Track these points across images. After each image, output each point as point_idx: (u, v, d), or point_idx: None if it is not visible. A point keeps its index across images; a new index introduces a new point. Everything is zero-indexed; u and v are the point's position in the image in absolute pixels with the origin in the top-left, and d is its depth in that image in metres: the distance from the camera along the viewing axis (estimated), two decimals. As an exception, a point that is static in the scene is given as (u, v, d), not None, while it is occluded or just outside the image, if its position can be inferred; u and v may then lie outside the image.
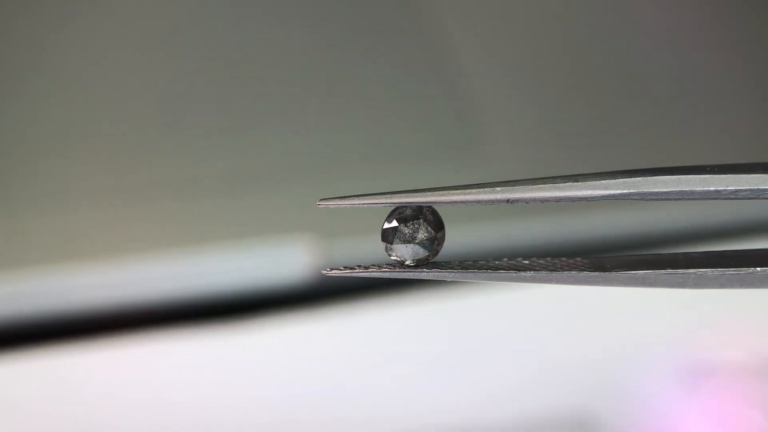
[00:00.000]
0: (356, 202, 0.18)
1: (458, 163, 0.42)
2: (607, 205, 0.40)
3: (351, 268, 0.19)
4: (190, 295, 0.39)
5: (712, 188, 0.17)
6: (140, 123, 0.42)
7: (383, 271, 0.19)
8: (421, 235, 0.18)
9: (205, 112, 0.43)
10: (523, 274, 0.18)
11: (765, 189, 0.17)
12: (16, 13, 0.44)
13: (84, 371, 0.38)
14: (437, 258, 0.19)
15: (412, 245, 0.18)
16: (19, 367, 0.38)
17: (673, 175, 0.17)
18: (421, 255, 0.18)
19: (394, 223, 0.18)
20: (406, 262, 0.18)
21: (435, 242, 0.18)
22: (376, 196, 0.18)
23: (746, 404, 0.38)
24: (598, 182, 0.17)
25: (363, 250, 0.39)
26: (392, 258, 0.19)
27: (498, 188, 0.18)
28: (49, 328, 0.39)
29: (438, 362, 0.39)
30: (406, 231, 0.18)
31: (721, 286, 0.17)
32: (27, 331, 0.39)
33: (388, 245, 0.18)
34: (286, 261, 0.39)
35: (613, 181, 0.17)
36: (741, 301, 0.39)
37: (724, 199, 0.17)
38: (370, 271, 0.19)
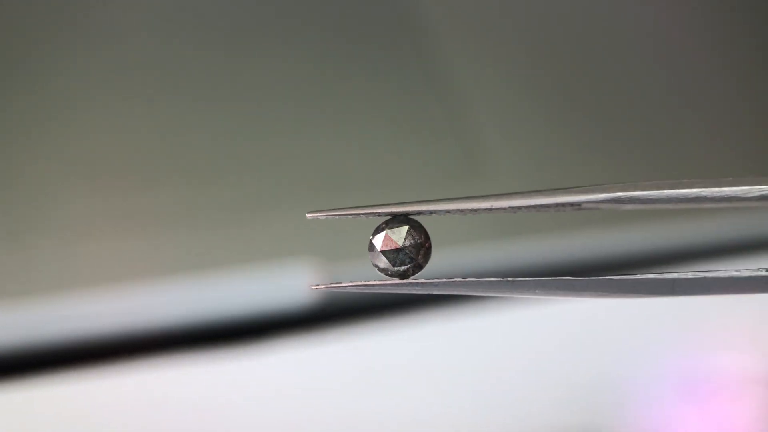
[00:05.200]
0: (343, 213, 0.18)
1: (460, 192, 0.42)
2: (598, 226, 0.41)
3: (339, 283, 0.19)
4: (195, 320, 0.39)
5: (693, 190, 0.17)
6: (144, 152, 0.42)
7: (370, 285, 0.19)
8: (407, 242, 0.18)
9: (208, 140, 0.43)
10: (510, 282, 0.18)
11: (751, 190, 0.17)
12: (29, 51, 0.44)
13: (91, 398, 0.38)
14: (423, 273, 0.19)
15: (398, 253, 0.18)
16: (28, 394, 0.38)
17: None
18: (408, 264, 0.18)
19: (381, 233, 0.18)
20: (392, 271, 0.18)
21: (421, 251, 0.18)
22: (362, 208, 0.18)
23: (748, 414, 0.37)
24: (581, 188, 0.17)
25: (366, 271, 0.39)
26: (379, 268, 0.19)
27: (482, 198, 0.18)
28: (56, 355, 0.39)
29: (442, 382, 0.39)
30: (393, 238, 0.18)
31: (707, 291, 0.17)
32: (36, 358, 0.39)
33: (375, 254, 0.18)
34: (290, 284, 0.39)
35: (593, 187, 0.17)
36: (741, 315, 0.39)
37: (709, 203, 0.17)
38: (357, 285, 0.19)
